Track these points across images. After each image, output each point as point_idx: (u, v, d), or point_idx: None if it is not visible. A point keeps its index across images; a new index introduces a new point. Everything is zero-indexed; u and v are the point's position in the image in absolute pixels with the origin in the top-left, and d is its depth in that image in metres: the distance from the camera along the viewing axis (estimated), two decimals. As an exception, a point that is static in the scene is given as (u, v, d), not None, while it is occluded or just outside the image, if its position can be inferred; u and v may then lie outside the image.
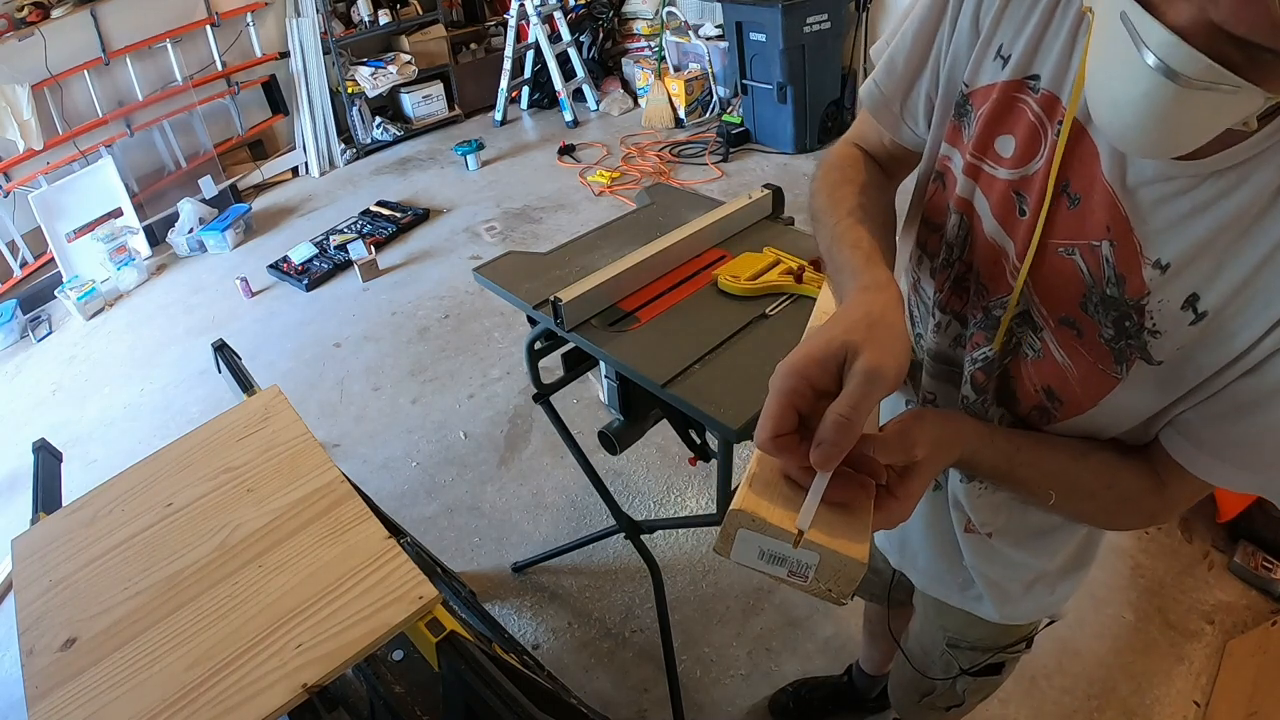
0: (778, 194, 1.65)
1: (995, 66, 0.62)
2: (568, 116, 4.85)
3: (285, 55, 4.41)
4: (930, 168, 0.72)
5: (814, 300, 1.32)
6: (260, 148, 4.59)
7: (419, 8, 4.80)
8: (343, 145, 4.69)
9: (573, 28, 4.95)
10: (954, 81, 0.66)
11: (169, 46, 3.95)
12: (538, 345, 1.45)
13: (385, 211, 3.96)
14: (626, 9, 5.21)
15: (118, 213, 3.74)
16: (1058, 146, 0.57)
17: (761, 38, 3.91)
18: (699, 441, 1.48)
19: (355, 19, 4.57)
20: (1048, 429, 0.67)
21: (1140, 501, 0.63)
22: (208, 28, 4.09)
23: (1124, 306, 0.56)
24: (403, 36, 4.79)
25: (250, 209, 4.12)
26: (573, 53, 4.93)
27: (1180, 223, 0.52)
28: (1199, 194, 0.51)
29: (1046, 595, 0.88)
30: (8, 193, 3.46)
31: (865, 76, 4.42)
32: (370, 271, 3.46)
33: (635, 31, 5.18)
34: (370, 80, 4.57)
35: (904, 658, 1.15)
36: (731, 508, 0.51)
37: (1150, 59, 0.41)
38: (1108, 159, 0.55)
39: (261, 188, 4.49)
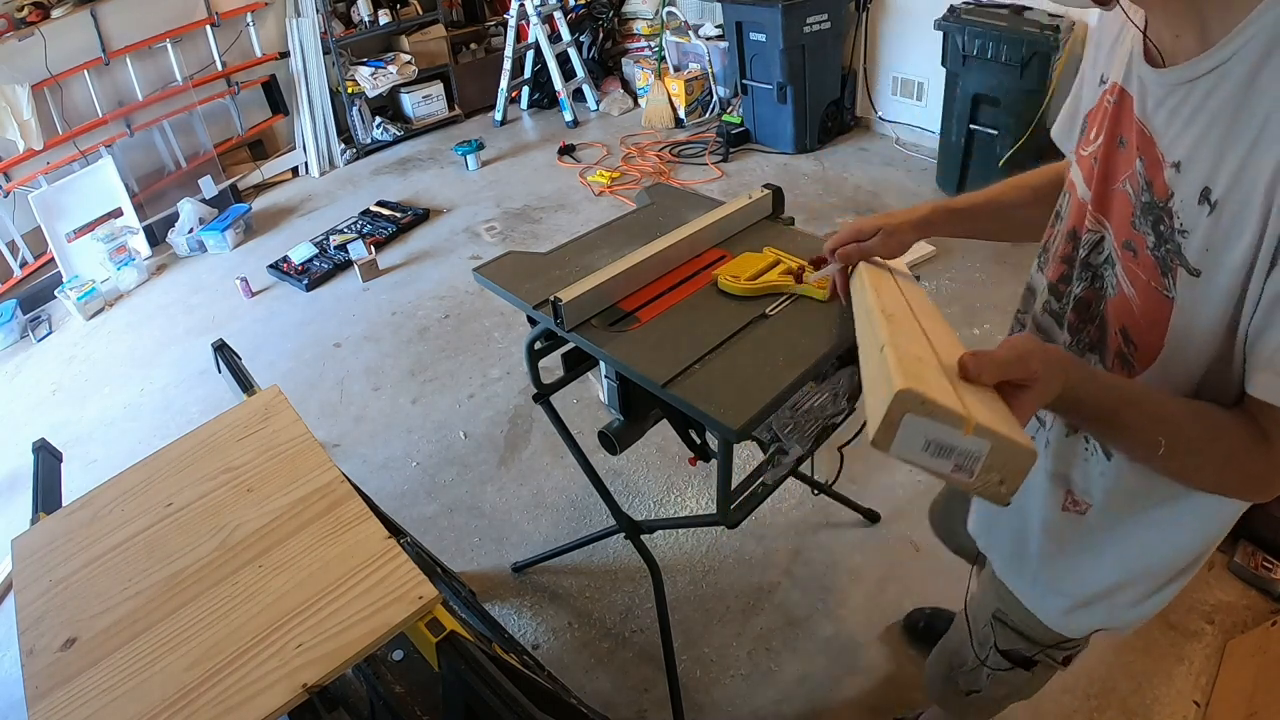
0: (778, 194, 1.65)
1: (1099, 89, 0.78)
2: (568, 116, 4.85)
3: (285, 55, 4.41)
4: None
5: (814, 300, 1.33)
6: (260, 148, 4.59)
7: (419, 8, 4.80)
8: (343, 145, 4.69)
9: (573, 28, 4.95)
10: (1079, 115, 0.84)
11: (169, 46, 3.95)
12: (538, 345, 1.45)
13: (385, 211, 3.96)
14: (626, 9, 5.21)
15: (118, 213, 3.74)
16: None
17: (761, 38, 3.91)
18: (699, 441, 1.48)
19: (355, 19, 4.57)
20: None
21: (1245, 460, 0.63)
22: (208, 28, 4.09)
23: (1157, 210, 0.65)
24: (403, 36, 4.79)
25: (250, 209, 4.12)
26: (573, 53, 4.93)
27: (1184, 127, 0.62)
28: (1192, 99, 0.61)
29: (1111, 609, 0.87)
30: (8, 193, 3.46)
31: (865, 76, 4.43)
32: (370, 271, 3.46)
33: (635, 31, 5.18)
34: (370, 80, 4.57)
35: (961, 620, 1.15)
36: (896, 388, 0.46)
37: None
38: (1137, 101, 0.68)
39: (261, 188, 4.49)
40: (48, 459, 1.26)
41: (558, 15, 4.85)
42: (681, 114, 4.69)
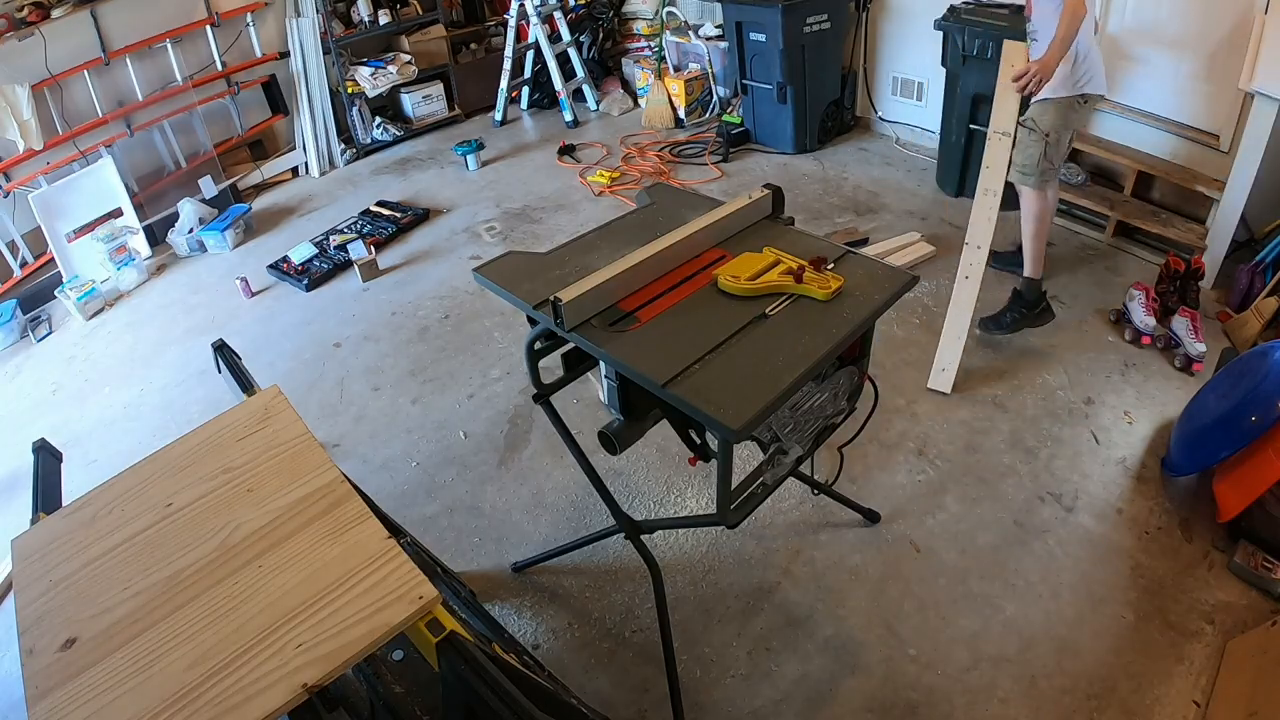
0: (778, 194, 1.65)
1: None
2: (568, 116, 4.85)
3: (285, 55, 4.41)
4: None
5: (814, 300, 1.33)
6: (260, 148, 4.59)
7: (419, 8, 4.80)
8: (343, 145, 4.69)
9: (573, 28, 4.95)
10: None
11: (169, 46, 3.95)
12: (538, 345, 1.45)
13: (385, 211, 3.96)
14: (626, 9, 5.21)
15: (118, 213, 3.74)
16: None
17: (761, 38, 3.91)
18: (699, 441, 1.48)
19: (355, 19, 4.57)
20: None
21: (1075, 7, 2.13)
22: (208, 28, 4.09)
23: None
24: (403, 36, 4.79)
25: (250, 209, 4.12)
26: (573, 53, 4.93)
27: None
28: None
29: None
30: (8, 193, 3.46)
31: (865, 76, 4.46)
32: (370, 271, 3.46)
33: (635, 31, 5.18)
34: (370, 80, 4.57)
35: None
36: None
37: None
38: None
39: (261, 188, 4.49)
40: (48, 459, 1.26)
41: (558, 15, 4.85)
42: (681, 114, 4.69)
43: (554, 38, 4.86)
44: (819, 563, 1.97)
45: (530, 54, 5.00)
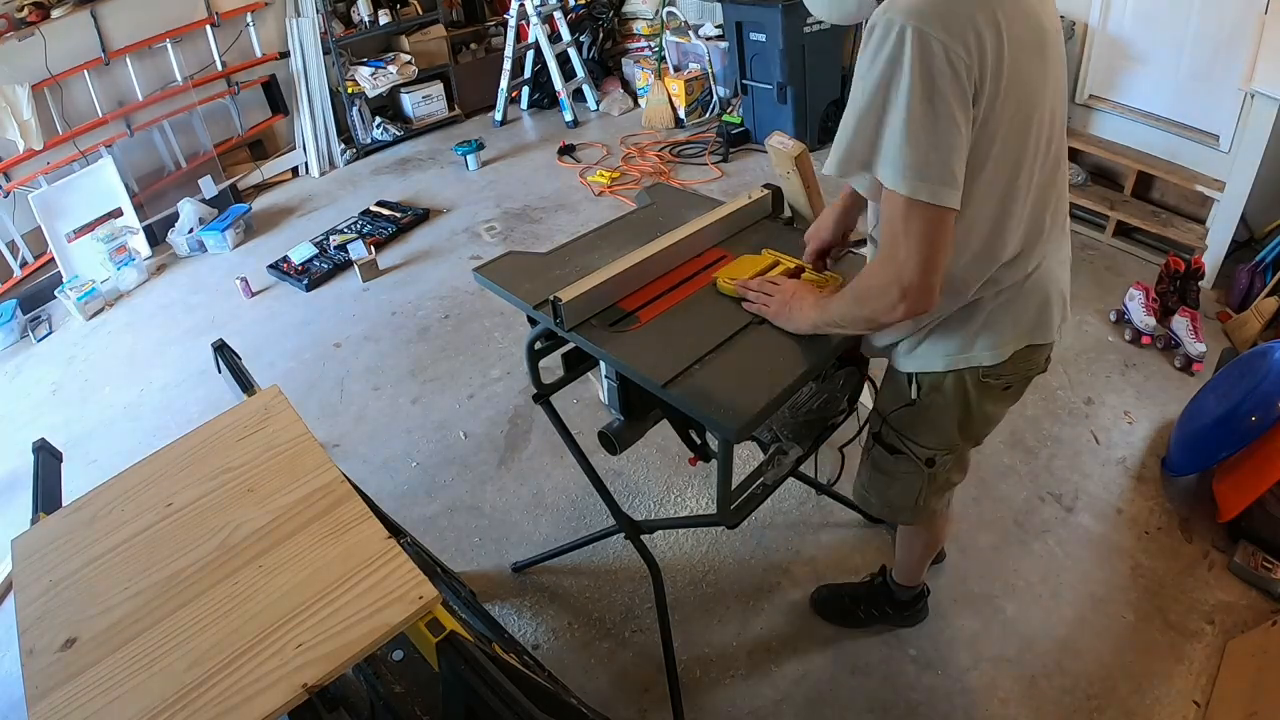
0: (777, 194, 1.65)
1: None
2: (568, 116, 4.85)
3: (285, 55, 4.41)
4: None
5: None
6: (260, 148, 4.59)
7: (419, 8, 4.80)
8: (343, 145, 4.68)
9: (573, 28, 4.95)
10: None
11: (169, 46, 3.95)
12: (538, 345, 1.45)
13: (385, 211, 3.95)
14: (626, 9, 5.21)
15: (118, 213, 3.74)
16: None
17: (761, 38, 3.91)
18: (699, 441, 1.48)
19: (355, 19, 4.57)
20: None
21: (874, 280, 1.03)
22: (208, 28, 4.08)
23: None
24: (403, 36, 4.79)
25: (250, 209, 4.11)
26: (573, 53, 4.93)
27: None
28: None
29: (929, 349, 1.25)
30: (8, 193, 3.46)
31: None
32: (370, 271, 3.46)
33: (635, 31, 5.18)
34: (370, 80, 4.57)
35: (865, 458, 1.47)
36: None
37: None
38: None
39: (261, 188, 4.49)
40: (48, 459, 1.26)
41: (558, 15, 4.85)
42: (681, 114, 4.69)
43: (554, 38, 4.86)
44: (819, 563, 1.97)
45: (530, 54, 4.99)
